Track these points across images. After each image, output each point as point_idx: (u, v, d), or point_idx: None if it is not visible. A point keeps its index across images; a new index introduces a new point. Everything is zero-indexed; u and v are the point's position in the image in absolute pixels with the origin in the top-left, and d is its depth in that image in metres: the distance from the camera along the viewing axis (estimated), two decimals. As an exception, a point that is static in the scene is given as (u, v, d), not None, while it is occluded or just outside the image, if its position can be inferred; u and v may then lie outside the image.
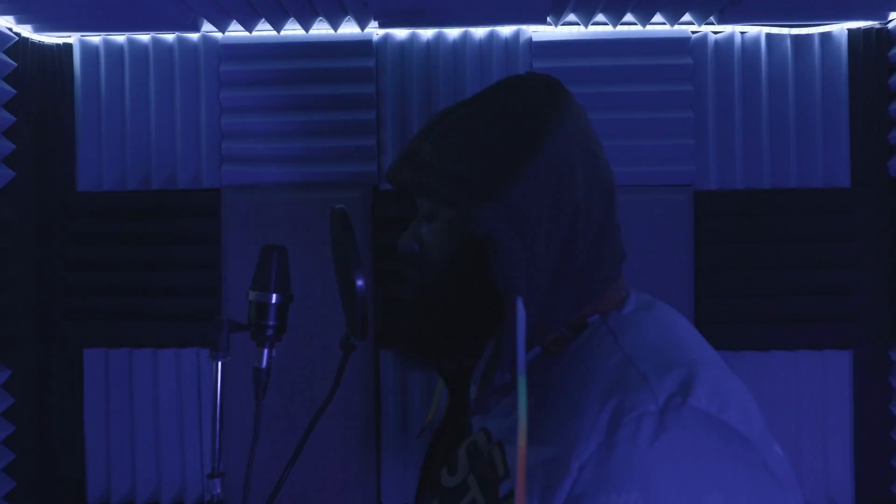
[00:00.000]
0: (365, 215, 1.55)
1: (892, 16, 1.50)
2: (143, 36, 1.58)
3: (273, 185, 1.58)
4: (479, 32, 1.55)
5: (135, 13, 1.49)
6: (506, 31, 1.55)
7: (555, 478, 0.54)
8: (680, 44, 1.54)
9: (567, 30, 1.57)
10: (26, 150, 1.57)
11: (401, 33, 1.56)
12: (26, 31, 1.55)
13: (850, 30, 1.54)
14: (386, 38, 1.56)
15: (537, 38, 1.56)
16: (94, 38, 1.59)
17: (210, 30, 1.57)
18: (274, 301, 0.92)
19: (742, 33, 1.55)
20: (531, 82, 0.72)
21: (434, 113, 0.93)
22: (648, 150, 1.55)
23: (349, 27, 1.56)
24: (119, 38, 1.59)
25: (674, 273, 1.53)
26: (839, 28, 1.54)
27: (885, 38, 1.54)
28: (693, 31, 1.55)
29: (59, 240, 1.60)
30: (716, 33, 1.56)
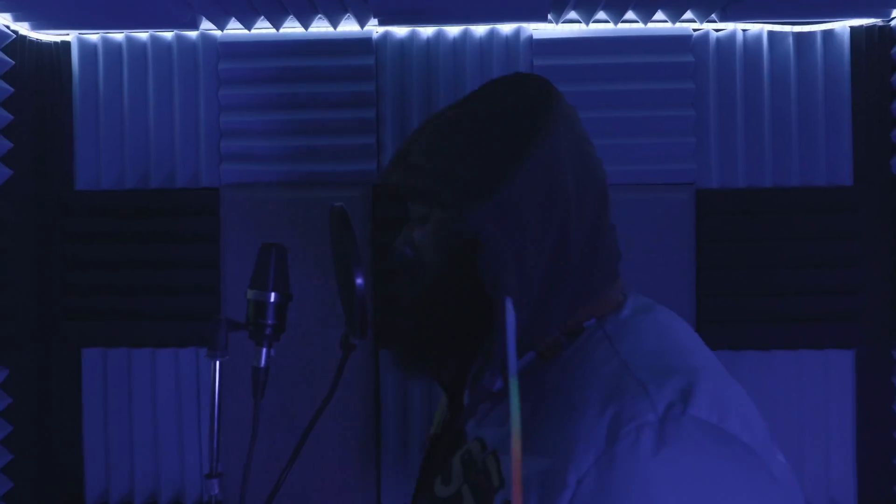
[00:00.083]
0: (364, 214, 1.54)
1: (895, 13, 1.50)
2: (142, 34, 1.57)
3: (272, 183, 1.57)
4: (480, 30, 1.54)
5: (133, 11, 1.48)
6: (506, 28, 1.54)
7: (552, 490, 0.52)
8: (681, 41, 1.54)
9: (568, 27, 1.56)
10: (24, 149, 1.56)
11: (401, 31, 1.56)
12: (24, 28, 1.54)
13: (853, 27, 1.53)
14: (386, 36, 1.55)
15: (538, 35, 1.55)
16: (92, 36, 1.58)
17: (209, 27, 1.56)
18: (272, 300, 0.92)
19: (744, 31, 1.54)
20: (521, 83, 0.71)
21: (431, 113, 0.92)
22: (650, 149, 1.54)
23: (349, 25, 1.56)
24: (117, 36, 1.58)
25: (675, 272, 1.53)
26: (841, 26, 1.53)
27: (888, 36, 1.53)
28: (694, 29, 1.55)
29: (57, 239, 1.59)
30: (717, 31, 1.55)
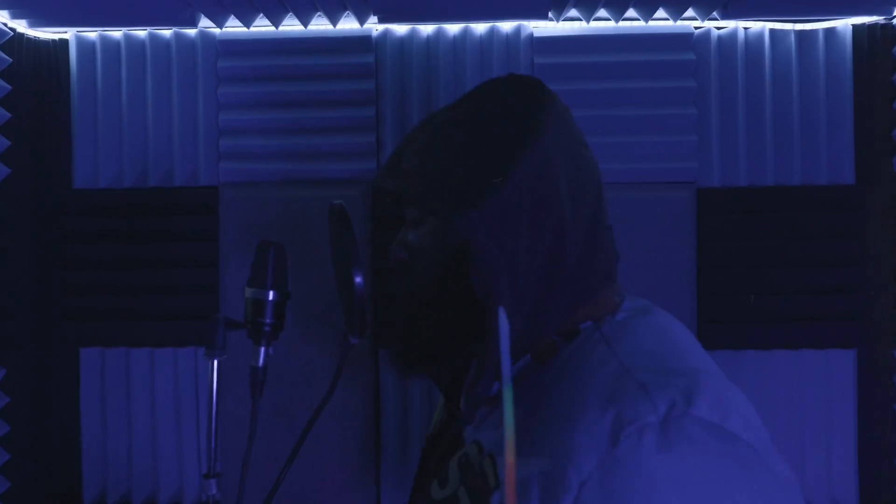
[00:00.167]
0: (364, 213, 1.53)
1: (897, 11, 1.49)
2: (140, 31, 1.57)
3: (271, 182, 1.56)
4: (480, 28, 1.54)
5: (132, 8, 1.48)
6: (506, 26, 1.53)
7: (553, 492, 0.52)
8: (682, 39, 1.53)
9: (568, 25, 1.55)
10: (22, 147, 1.55)
11: (400, 29, 1.55)
12: (22, 26, 1.53)
13: (855, 25, 1.52)
14: (385, 34, 1.55)
15: (538, 33, 1.54)
16: (90, 34, 1.57)
17: (208, 25, 1.55)
18: (271, 298, 0.91)
19: (745, 29, 1.54)
20: (513, 86, 0.70)
21: (430, 112, 0.92)
22: (650, 147, 1.53)
23: (348, 22, 1.55)
24: (116, 34, 1.57)
25: (676, 271, 1.52)
26: (844, 23, 1.52)
27: (890, 34, 1.53)
28: (696, 27, 1.54)
29: (55, 237, 1.58)
30: (719, 29, 1.54)
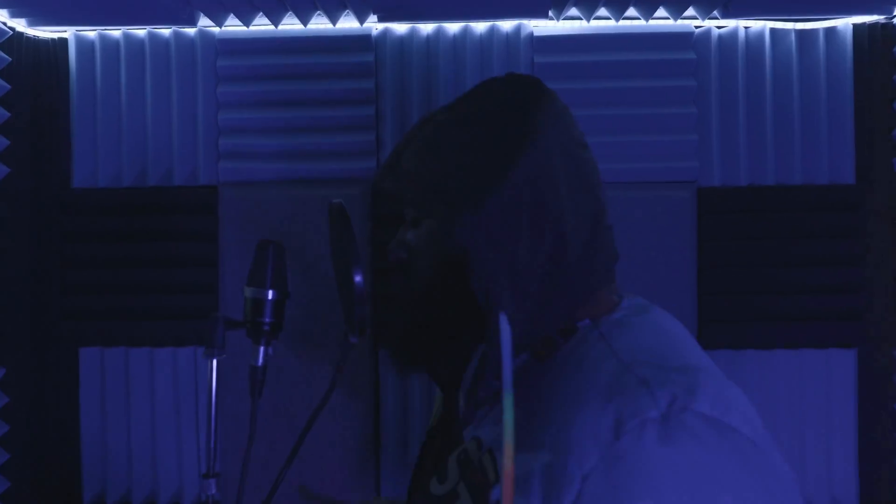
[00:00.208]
0: (364, 212, 1.53)
1: (898, 10, 1.49)
2: (140, 30, 1.56)
3: (271, 181, 1.56)
4: (480, 27, 1.53)
5: (131, 7, 1.48)
6: (507, 25, 1.53)
7: (556, 486, 0.52)
8: (683, 38, 1.53)
9: (569, 24, 1.55)
10: (21, 147, 1.55)
11: (400, 28, 1.55)
12: (20, 25, 1.53)
13: (856, 25, 1.52)
14: (385, 33, 1.54)
15: (538, 32, 1.54)
16: (89, 33, 1.57)
17: (207, 24, 1.55)
18: (270, 297, 0.91)
19: (746, 28, 1.53)
20: (510, 85, 0.70)
21: (429, 110, 0.92)
22: (651, 147, 1.53)
23: (348, 21, 1.54)
24: (115, 33, 1.57)
25: (676, 271, 1.52)
26: (844, 23, 1.52)
27: (891, 34, 1.52)
28: (696, 26, 1.54)
29: (54, 237, 1.58)
30: (719, 28, 1.54)
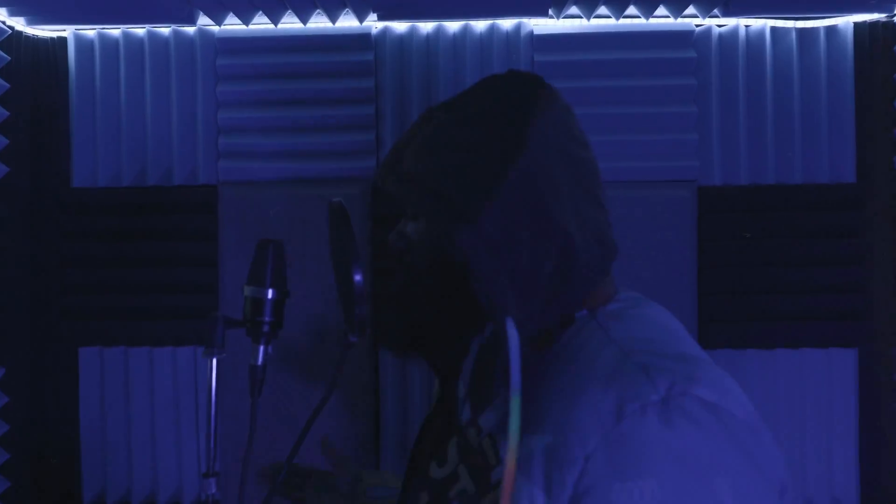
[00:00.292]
0: (363, 211, 1.53)
1: (899, 9, 1.49)
2: (139, 29, 1.56)
3: (270, 181, 1.56)
4: (480, 25, 1.53)
5: (130, 6, 1.48)
6: (507, 24, 1.53)
7: (559, 465, 0.54)
8: (683, 37, 1.52)
9: (569, 23, 1.54)
10: (20, 146, 1.55)
11: (400, 26, 1.54)
12: (20, 24, 1.53)
13: (856, 23, 1.52)
14: (385, 32, 1.54)
15: (539, 31, 1.54)
16: (88, 32, 1.57)
17: (206, 23, 1.55)
18: (270, 296, 0.90)
19: (746, 26, 1.53)
20: (511, 85, 0.71)
21: (429, 106, 0.92)
22: (651, 145, 1.53)
23: (347, 20, 1.54)
24: (114, 32, 1.56)
25: (677, 270, 1.52)
26: (845, 21, 1.52)
27: (892, 32, 1.52)
28: (697, 24, 1.53)
29: (54, 236, 1.58)
30: (720, 26, 1.54)
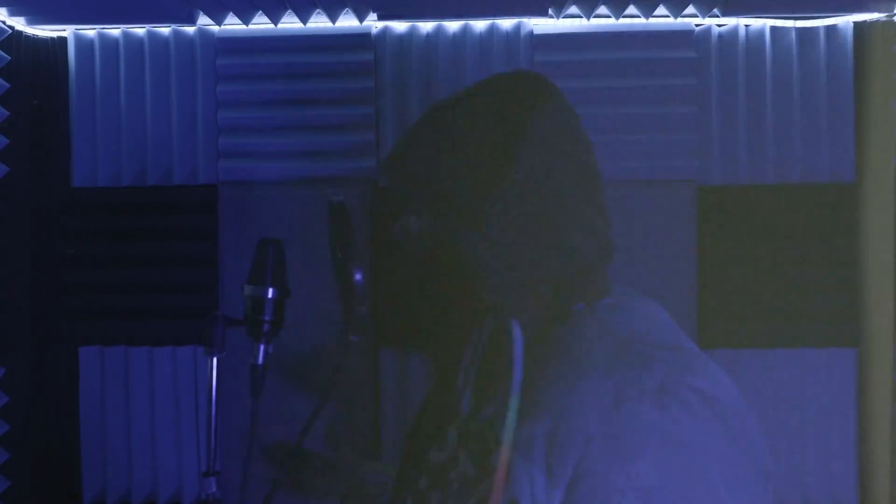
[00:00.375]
0: (364, 210, 1.53)
1: (899, 8, 1.49)
2: (139, 29, 1.56)
3: (270, 181, 1.56)
4: (480, 25, 1.53)
5: (130, 6, 1.48)
6: (506, 23, 1.53)
7: (559, 447, 0.56)
8: (683, 37, 1.52)
9: (569, 22, 1.54)
10: (20, 146, 1.54)
11: (400, 26, 1.54)
12: (20, 23, 1.53)
13: (856, 22, 1.52)
14: (385, 31, 1.54)
15: (538, 30, 1.54)
16: (88, 32, 1.57)
17: (206, 23, 1.55)
18: (270, 296, 0.91)
19: (746, 26, 1.53)
20: (514, 86, 0.72)
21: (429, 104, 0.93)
22: (651, 145, 1.53)
23: (347, 20, 1.54)
24: (114, 32, 1.56)
25: (676, 269, 1.52)
26: (845, 21, 1.52)
27: (892, 31, 1.52)
28: (696, 24, 1.53)
29: (54, 236, 1.58)
30: (720, 26, 1.54)
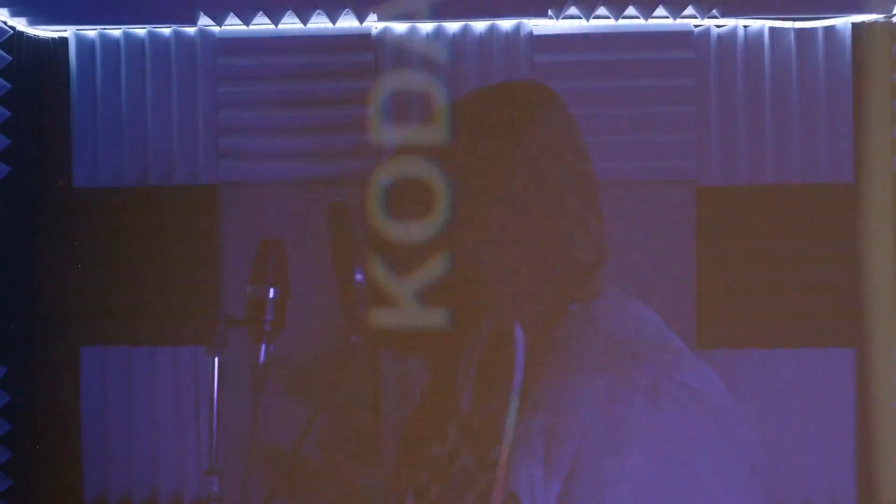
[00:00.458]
0: (364, 211, 1.53)
1: (897, 9, 1.49)
2: (140, 30, 1.56)
3: (271, 181, 1.56)
4: (479, 26, 1.53)
5: (131, 7, 1.48)
6: (506, 24, 1.53)
7: (557, 443, 0.58)
8: (682, 37, 1.53)
9: (568, 23, 1.55)
10: (22, 146, 1.55)
11: (400, 27, 1.55)
12: (21, 24, 1.53)
13: (855, 23, 1.52)
14: (385, 32, 1.54)
15: (538, 31, 1.54)
16: (89, 32, 1.57)
17: (207, 23, 1.55)
18: (272, 296, 0.91)
19: (745, 27, 1.53)
20: (516, 95, 0.74)
21: (429, 111, 0.94)
22: (650, 146, 1.53)
23: (347, 21, 1.55)
24: (115, 32, 1.57)
25: (676, 269, 1.52)
26: (843, 22, 1.52)
27: (890, 33, 1.52)
28: (696, 25, 1.54)
29: (55, 236, 1.58)
30: (718, 27, 1.54)
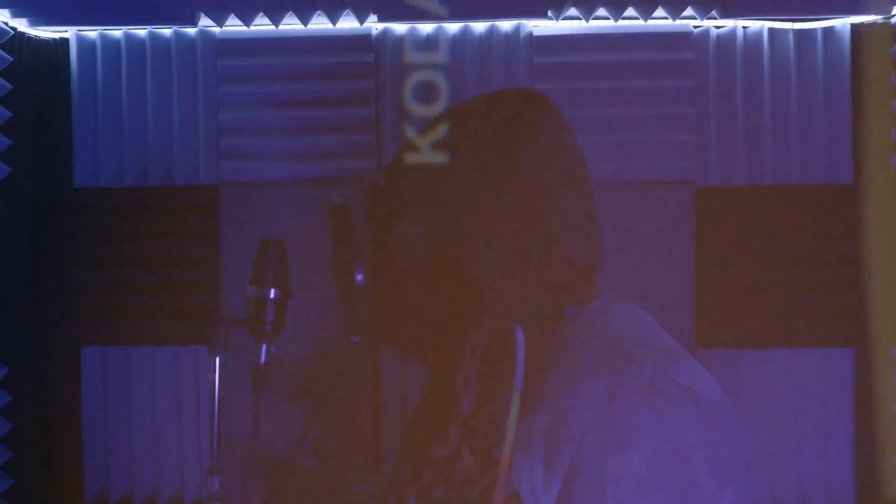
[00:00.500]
0: (364, 211, 1.53)
1: (896, 10, 1.50)
2: (141, 30, 1.57)
3: (271, 181, 1.57)
4: (479, 27, 1.54)
5: (132, 7, 1.49)
6: (506, 25, 1.54)
7: (557, 443, 0.60)
8: (682, 38, 1.53)
9: (568, 24, 1.55)
10: (22, 146, 1.55)
11: (400, 27, 1.55)
12: (22, 25, 1.53)
13: (854, 24, 1.53)
14: (385, 33, 1.55)
15: (538, 32, 1.54)
16: (90, 33, 1.57)
17: (208, 24, 1.56)
18: (272, 296, 0.92)
19: (744, 28, 1.54)
20: (515, 102, 0.76)
21: (429, 116, 0.95)
22: (650, 146, 1.53)
23: (348, 21, 1.55)
24: (116, 33, 1.57)
25: (675, 270, 1.52)
26: (842, 23, 1.52)
27: (889, 34, 1.53)
28: (695, 26, 1.54)
29: (56, 237, 1.59)
30: (718, 28, 1.54)
